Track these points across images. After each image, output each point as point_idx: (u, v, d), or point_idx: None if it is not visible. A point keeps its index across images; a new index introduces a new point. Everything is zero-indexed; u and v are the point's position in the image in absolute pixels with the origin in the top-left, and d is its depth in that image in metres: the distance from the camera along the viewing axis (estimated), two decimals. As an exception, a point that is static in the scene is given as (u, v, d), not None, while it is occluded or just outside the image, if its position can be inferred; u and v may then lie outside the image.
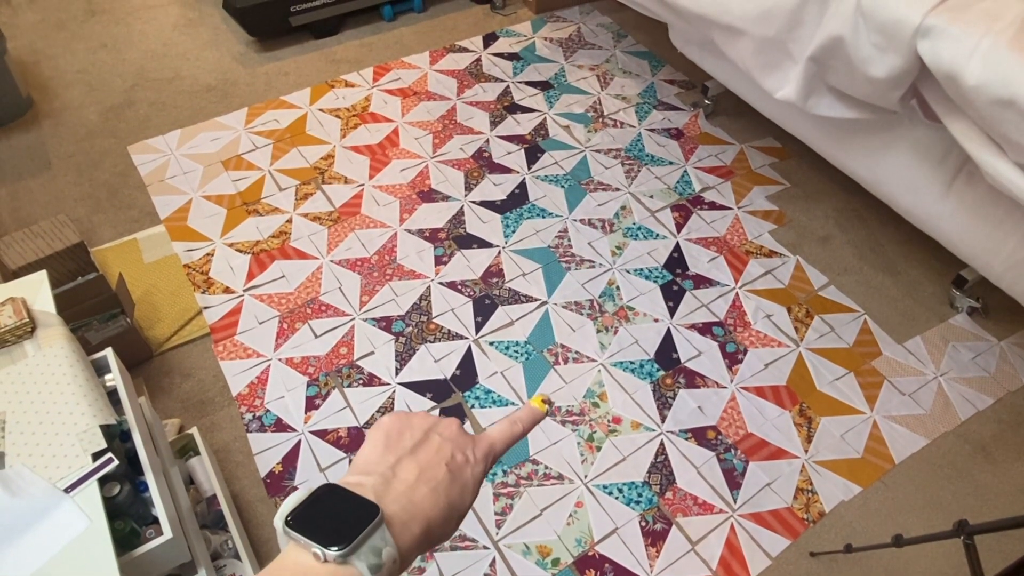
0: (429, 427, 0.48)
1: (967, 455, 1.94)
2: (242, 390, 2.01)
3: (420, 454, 0.46)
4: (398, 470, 0.44)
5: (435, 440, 0.47)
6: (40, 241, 1.96)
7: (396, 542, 0.40)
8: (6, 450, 1.11)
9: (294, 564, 0.37)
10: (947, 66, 1.52)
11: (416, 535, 0.42)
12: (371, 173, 2.65)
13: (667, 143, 2.81)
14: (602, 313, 2.22)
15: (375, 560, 0.38)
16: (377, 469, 0.44)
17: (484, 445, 0.50)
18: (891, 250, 2.44)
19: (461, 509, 0.46)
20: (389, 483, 0.43)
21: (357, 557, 0.37)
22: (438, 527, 0.43)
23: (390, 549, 0.39)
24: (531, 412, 0.54)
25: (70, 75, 3.09)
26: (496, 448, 0.51)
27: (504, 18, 3.47)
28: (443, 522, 0.44)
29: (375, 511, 0.39)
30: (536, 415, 0.54)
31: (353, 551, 0.37)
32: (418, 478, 0.44)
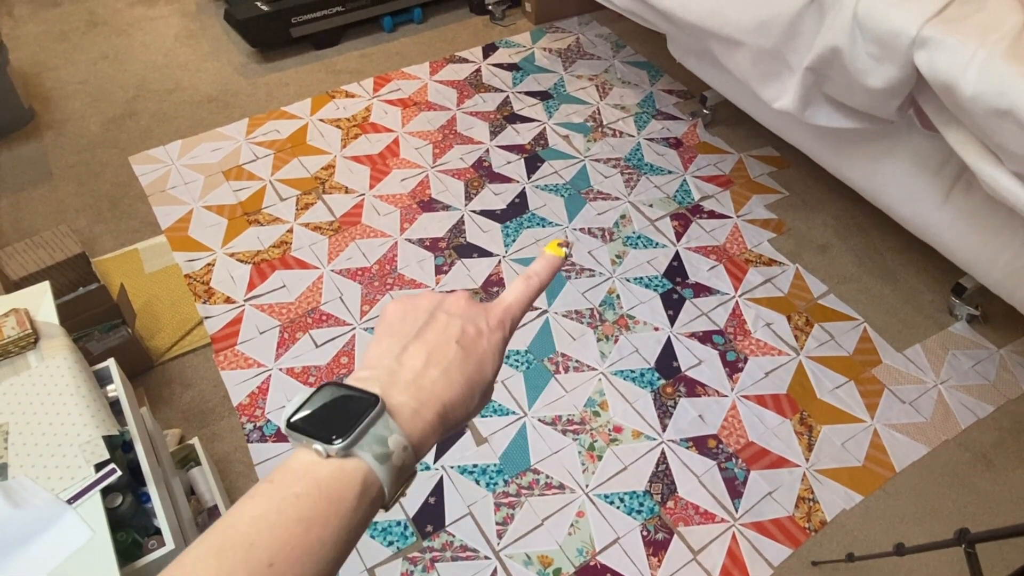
0: (434, 306, 0.45)
1: (968, 463, 1.94)
2: (243, 400, 2.01)
3: (426, 336, 0.43)
4: (404, 358, 0.42)
5: (441, 319, 0.44)
6: (41, 251, 1.97)
7: (407, 430, 0.38)
8: (9, 461, 1.11)
9: (298, 464, 0.36)
10: (944, 77, 1.53)
11: (431, 421, 0.40)
12: (371, 183, 2.66)
13: (666, 152, 2.82)
14: (602, 322, 2.22)
15: (381, 449, 0.37)
16: (382, 362, 0.42)
17: (498, 311, 0.46)
18: (890, 258, 2.45)
19: (483, 384, 0.43)
20: (395, 373, 0.41)
21: (360, 448, 0.36)
22: (458, 408, 0.42)
23: (397, 437, 0.37)
24: (547, 261, 0.49)
25: (71, 86, 3.11)
26: (513, 310, 0.47)
27: (503, 29, 3.49)
28: (463, 401, 0.42)
29: (375, 401, 0.38)
30: (554, 263, 0.49)
31: (354, 442, 0.36)
32: (426, 362, 0.42)
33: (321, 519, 0.34)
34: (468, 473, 1.87)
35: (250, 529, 0.33)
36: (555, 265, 0.49)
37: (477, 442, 1.93)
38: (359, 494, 0.36)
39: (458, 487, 1.85)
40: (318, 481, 0.35)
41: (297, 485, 0.35)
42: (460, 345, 0.43)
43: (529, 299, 0.48)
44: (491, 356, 0.44)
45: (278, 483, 0.35)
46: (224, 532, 0.33)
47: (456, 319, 0.44)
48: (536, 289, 0.48)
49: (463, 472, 1.88)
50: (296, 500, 0.34)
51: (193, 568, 0.31)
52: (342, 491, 0.35)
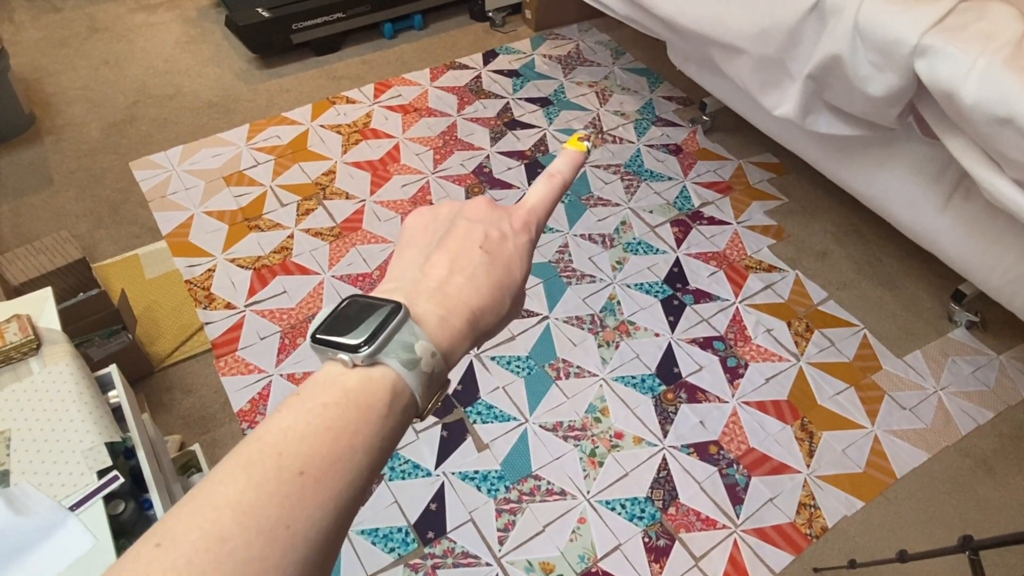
0: (455, 213, 0.44)
1: (968, 469, 1.95)
2: (243, 406, 2.01)
3: (448, 244, 0.42)
4: (427, 268, 0.41)
5: (462, 225, 0.43)
6: (42, 257, 1.96)
7: (434, 337, 0.37)
8: (11, 468, 1.11)
9: (325, 376, 0.36)
10: (944, 85, 1.53)
11: (459, 328, 0.39)
12: (372, 189, 2.66)
13: (666, 159, 2.83)
14: (603, 328, 2.22)
15: (407, 355, 0.36)
16: (406, 273, 0.41)
17: (521, 213, 0.45)
18: (890, 265, 2.46)
19: (512, 287, 0.42)
20: (419, 283, 0.40)
21: (386, 355, 0.35)
22: (488, 313, 0.41)
23: (424, 343, 0.37)
24: (569, 157, 0.47)
25: (72, 92, 3.11)
26: (538, 211, 0.45)
27: (504, 35, 3.50)
28: (493, 306, 0.41)
29: (398, 308, 0.37)
30: (576, 159, 0.47)
31: (379, 349, 0.35)
32: (451, 269, 0.41)
33: (351, 427, 0.33)
34: (469, 479, 1.87)
35: (278, 440, 0.32)
36: (577, 161, 0.47)
37: (478, 448, 1.93)
38: (388, 401, 0.35)
39: (459, 493, 1.84)
40: (346, 390, 0.35)
41: (325, 395, 0.34)
42: (484, 250, 0.42)
43: (554, 198, 0.46)
44: (518, 259, 0.43)
45: (305, 395, 0.35)
46: (252, 444, 0.32)
47: (478, 224, 0.43)
48: (560, 187, 0.46)
49: (464, 478, 1.87)
50: (324, 410, 0.34)
51: (222, 481, 0.31)
52: (370, 399, 0.35)
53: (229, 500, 0.30)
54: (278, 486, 0.30)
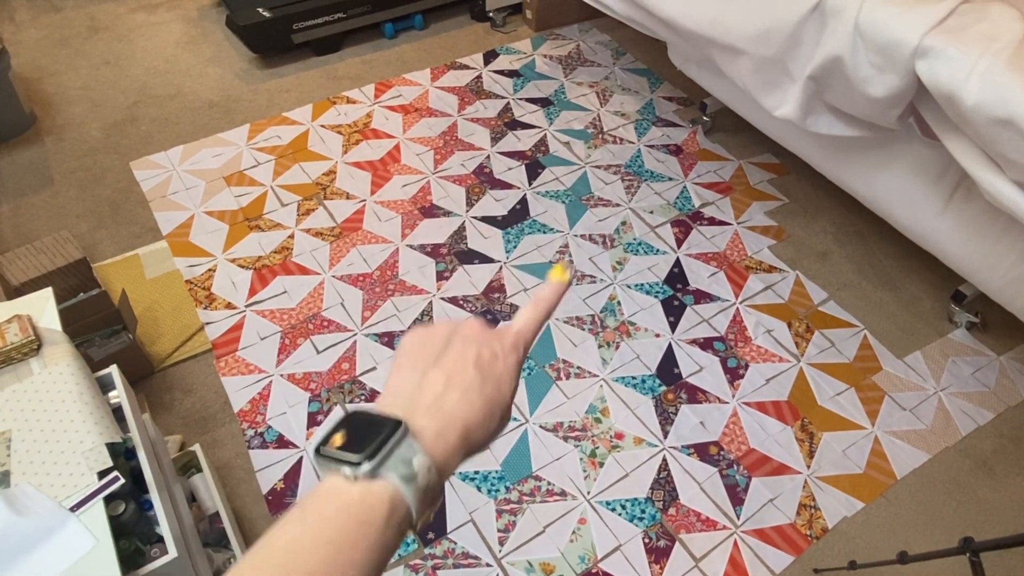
0: (449, 333, 0.47)
1: (968, 470, 1.95)
2: (244, 406, 2.01)
3: (444, 362, 0.45)
4: (424, 383, 0.43)
5: (458, 344, 0.46)
6: (42, 257, 1.97)
7: (430, 451, 0.39)
8: (11, 468, 1.11)
9: (327, 489, 0.37)
10: (945, 86, 1.53)
11: (453, 442, 0.41)
12: (373, 189, 2.66)
13: (666, 159, 2.83)
14: (603, 328, 2.22)
15: (406, 470, 0.38)
16: (403, 389, 0.44)
17: (511, 335, 0.48)
18: (890, 265, 2.46)
19: (501, 405, 0.44)
20: (416, 398, 0.42)
21: (386, 470, 0.37)
22: (479, 428, 0.43)
23: (421, 458, 0.38)
24: (553, 287, 0.51)
25: (73, 91, 3.11)
26: (525, 334, 0.48)
27: (504, 36, 3.50)
28: (483, 421, 0.43)
29: (398, 424, 0.39)
30: (559, 288, 0.51)
31: (380, 464, 0.37)
32: (446, 386, 0.43)
33: (351, 540, 0.35)
34: (469, 480, 1.87)
35: (283, 553, 0.34)
36: (560, 290, 0.51)
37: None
38: (387, 515, 0.36)
39: (459, 494, 1.84)
40: (348, 504, 0.36)
41: (327, 508, 0.36)
42: (477, 368, 0.44)
43: (539, 323, 0.49)
44: (508, 377, 0.45)
45: (309, 508, 0.37)
46: (258, 556, 0.34)
47: (472, 344, 0.46)
48: (544, 313, 0.50)
49: (464, 479, 1.87)
50: (327, 523, 0.35)
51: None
52: (370, 513, 0.36)
53: None
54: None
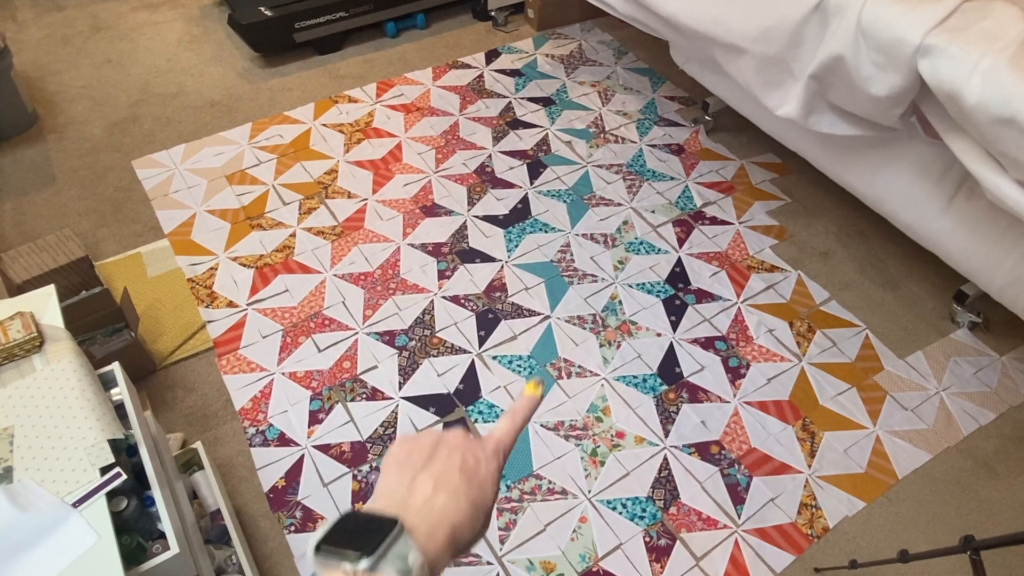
0: (435, 441, 0.50)
1: (970, 470, 1.94)
2: (245, 404, 2.01)
3: (432, 467, 0.48)
4: (414, 487, 0.46)
5: (443, 451, 0.49)
6: (45, 255, 1.97)
7: (424, 549, 0.42)
8: (14, 464, 1.11)
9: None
10: (947, 85, 1.53)
11: (442, 541, 0.43)
12: (374, 188, 2.66)
13: (668, 159, 2.83)
14: (605, 327, 2.22)
15: (403, 566, 0.39)
16: (395, 492, 0.47)
17: (491, 443, 0.52)
18: (892, 265, 2.45)
19: (485, 506, 0.47)
20: (407, 501, 0.45)
21: (385, 563, 0.39)
22: (465, 528, 0.45)
23: (416, 555, 0.40)
24: (527, 400, 0.55)
25: (75, 90, 3.11)
26: (503, 443, 0.52)
27: (506, 35, 3.50)
28: (470, 522, 0.46)
29: (394, 522, 0.41)
30: (532, 401, 0.56)
31: (379, 559, 0.39)
32: (435, 489, 0.46)
33: None
34: (471, 478, 1.87)
35: None
36: (534, 403, 0.56)
37: (480, 447, 1.93)
38: None
39: (461, 492, 1.84)
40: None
41: None
42: (463, 473, 0.48)
43: (516, 432, 0.54)
44: (490, 481, 0.49)
45: None
46: None
47: (456, 451, 0.49)
48: (521, 423, 0.54)
49: (466, 477, 1.87)
50: None
51: None
52: None
53: None
54: None
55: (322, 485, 1.85)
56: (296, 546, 1.75)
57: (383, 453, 1.90)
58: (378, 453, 1.92)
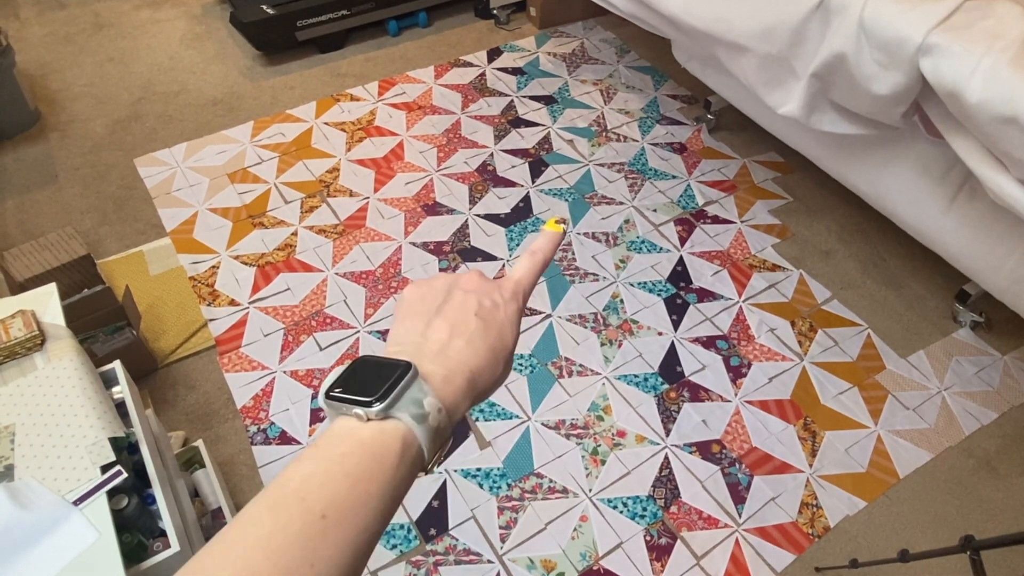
0: (450, 285, 0.48)
1: (971, 469, 1.94)
2: (247, 402, 2.02)
3: (447, 312, 0.46)
4: (429, 333, 0.44)
5: (458, 295, 0.47)
6: (47, 253, 1.97)
7: (440, 394, 0.40)
8: (15, 462, 1.11)
9: (341, 429, 0.38)
10: (949, 84, 1.53)
11: (460, 386, 0.42)
12: (376, 186, 2.66)
13: (670, 157, 2.82)
14: (606, 326, 2.22)
15: (417, 410, 0.38)
16: (408, 338, 0.45)
17: (510, 285, 0.49)
18: (894, 264, 2.45)
19: (504, 351, 0.46)
20: (422, 346, 0.43)
21: (398, 410, 0.38)
22: (485, 374, 0.44)
23: (432, 399, 0.39)
24: (548, 237, 0.52)
25: (77, 88, 3.12)
26: (523, 283, 0.50)
27: (508, 33, 3.50)
28: (489, 368, 0.44)
29: (408, 366, 0.40)
30: (554, 238, 0.52)
31: (392, 404, 0.38)
32: (451, 334, 0.44)
33: (367, 475, 0.36)
34: (471, 477, 1.87)
35: (301, 486, 0.35)
36: (556, 240, 0.52)
37: (480, 446, 1.93)
38: (400, 452, 0.37)
39: (461, 491, 1.85)
40: (361, 441, 0.37)
41: (342, 446, 0.37)
42: (479, 317, 0.45)
43: (536, 272, 0.51)
44: (509, 325, 0.46)
45: (323, 446, 0.37)
46: (277, 489, 0.35)
47: (472, 294, 0.47)
48: (541, 263, 0.51)
49: (466, 476, 1.88)
50: (342, 459, 0.36)
51: (251, 523, 0.33)
52: (384, 450, 0.37)
53: (259, 540, 0.32)
54: (302, 527, 0.33)
55: (323, 483, 1.85)
56: (297, 544, 1.75)
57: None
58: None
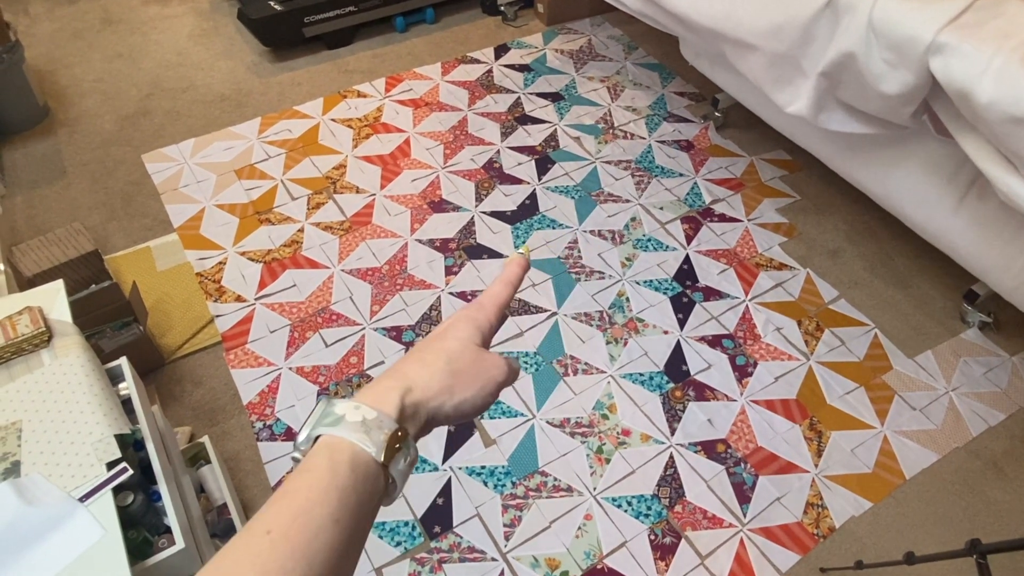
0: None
1: (978, 471, 1.93)
2: (253, 399, 2.02)
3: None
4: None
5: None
6: (55, 248, 1.98)
7: (360, 399, 0.43)
8: (22, 458, 1.12)
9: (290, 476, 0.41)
10: (959, 83, 1.52)
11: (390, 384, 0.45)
12: (382, 183, 2.66)
13: (677, 155, 2.81)
14: (612, 324, 2.22)
15: (330, 419, 0.41)
16: None
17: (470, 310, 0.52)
18: (902, 264, 2.44)
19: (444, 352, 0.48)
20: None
21: (315, 431, 0.42)
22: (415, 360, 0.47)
23: (345, 403, 0.42)
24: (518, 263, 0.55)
25: (86, 84, 3.13)
26: (483, 302, 0.52)
27: (515, 30, 3.49)
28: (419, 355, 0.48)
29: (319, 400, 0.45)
30: (523, 264, 0.56)
31: (309, 432, 0.42)
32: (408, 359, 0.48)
33: (302, 489, 0.38)
34: (476, 475, 1.88)
35: (254, 519, 0.38)
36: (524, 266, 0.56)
37: (485, 444, 1.94)
38: (328, 457, 0.40)
39: (466, 488, 1.85)
40: (297, 468, 0.40)
41: (291, 484, 0.40)
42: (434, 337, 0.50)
43: (502, 295, 0.54)
44: (451, 329, 0.50)
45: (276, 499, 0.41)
46: (245, 532, 0.38)
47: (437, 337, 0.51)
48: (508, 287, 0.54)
49: (471, 473, 1.88)
50: (282, 486, 0.39)
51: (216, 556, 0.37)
52: (311, 463, 0.40)
53: (218, 567, 0.36)
54: (248, 544, 0.36)
55: (328, 480, 1.85)
56: (302, 540, 1.75)
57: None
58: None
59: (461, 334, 0.49)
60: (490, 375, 0.48)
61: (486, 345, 0.50)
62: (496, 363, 0.49)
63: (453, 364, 0.47)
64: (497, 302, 0.52)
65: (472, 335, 0.49)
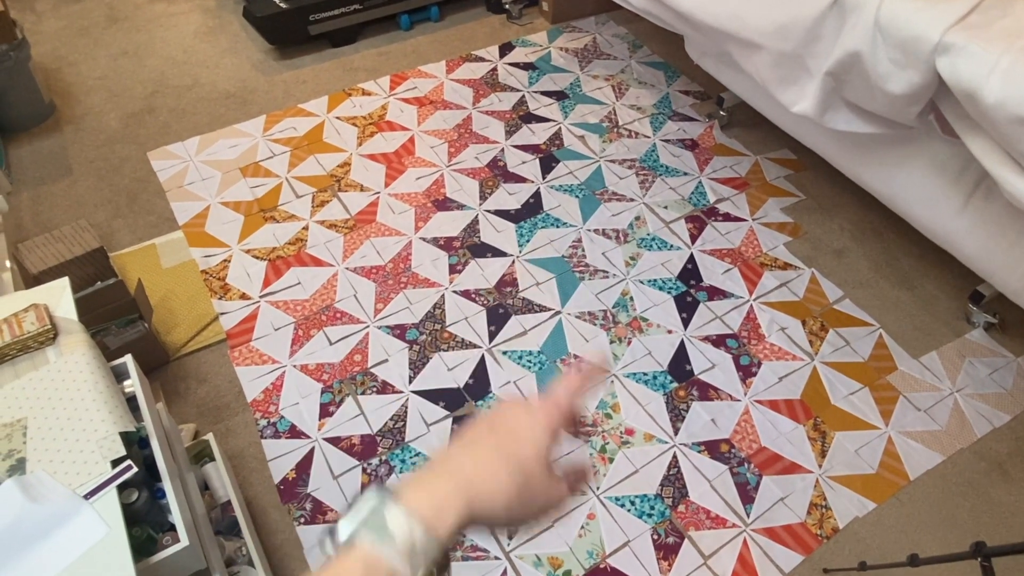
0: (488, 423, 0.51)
1: (983, 472, 1.92)
2: (257, 396, 2.03)
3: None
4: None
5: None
6: (60, 246, 1.99)
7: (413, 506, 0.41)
8: (27, 456, 1.13)
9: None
10: (966, 83, 1.51)
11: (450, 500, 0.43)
12: (387, 181, 2.66)
13: (682, 154, 2.81)
14: (615, 324, 2.22)
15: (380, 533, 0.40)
16: None
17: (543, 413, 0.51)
18: (907, 264, 2.43)
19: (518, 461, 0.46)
20: None
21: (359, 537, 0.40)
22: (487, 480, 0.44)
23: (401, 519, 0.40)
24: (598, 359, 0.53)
25: (92, 81, 3.13)
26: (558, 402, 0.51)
27: (520, 28, 3.48)
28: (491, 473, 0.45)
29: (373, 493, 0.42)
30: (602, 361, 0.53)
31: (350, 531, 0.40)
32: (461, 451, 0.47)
33: None
34: (479, 473, 1.87)
35: None
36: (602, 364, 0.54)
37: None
38: (363, 573, 0.39)
39: (469, 487, 1.85)
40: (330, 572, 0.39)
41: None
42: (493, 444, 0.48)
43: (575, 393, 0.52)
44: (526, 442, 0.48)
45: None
46: None
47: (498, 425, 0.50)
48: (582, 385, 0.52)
49: (474, 472, 1.88)
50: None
51: None
52: (340, 570, 0.39)
53: None
54: None
55: (332, 478, 1.86)
56: (306, 538, 1.76)
57: (392, 447, 1.91)
58: (387, 447, 1.92)
59: (540, 442, 0.46)
60: (552, 503, 0.46)
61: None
62: (562, 493, 0.46)
63: (522, 479, 0.45)
64: (576, 409, 0.50)
65: (548, 445, 0.46)
